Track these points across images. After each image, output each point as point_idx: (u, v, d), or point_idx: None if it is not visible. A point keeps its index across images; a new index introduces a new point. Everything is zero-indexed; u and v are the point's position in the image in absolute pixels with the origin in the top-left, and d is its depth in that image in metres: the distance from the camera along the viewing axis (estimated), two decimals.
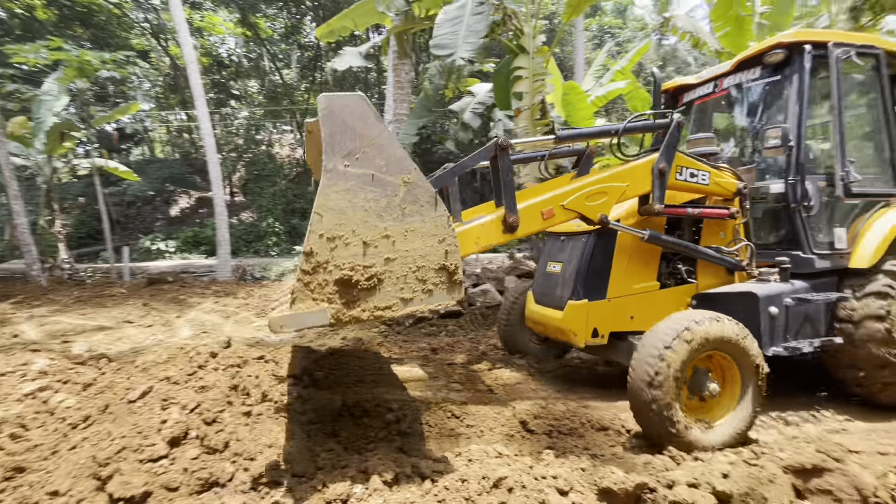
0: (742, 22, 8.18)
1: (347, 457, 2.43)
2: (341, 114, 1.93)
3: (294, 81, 24.42)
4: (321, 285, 1.90)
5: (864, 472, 2.42)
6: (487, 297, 7.35)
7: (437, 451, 2.67)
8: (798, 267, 3.49)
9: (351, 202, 1.93)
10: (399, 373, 3.94)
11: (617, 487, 2.20)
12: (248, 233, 19.56)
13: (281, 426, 2.66)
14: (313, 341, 5.85)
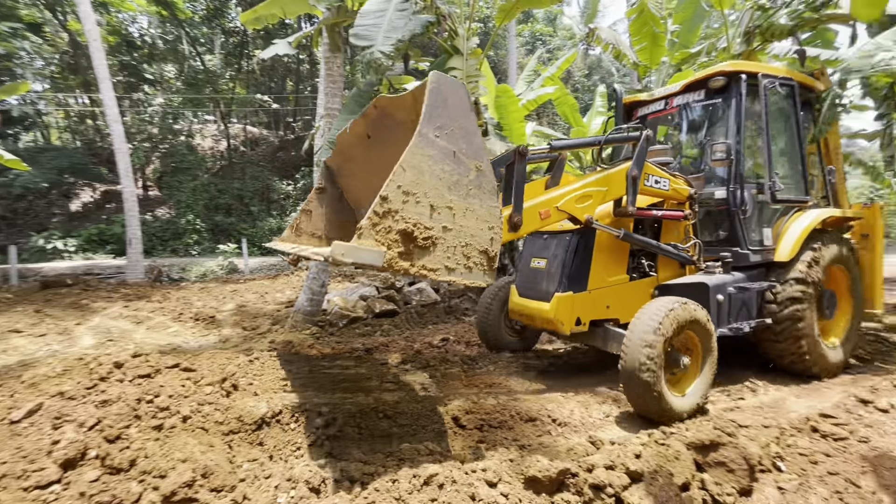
0: (657, 38, 8.91)
1: (272, 466, 2.32)
2: (446, 93, 2.13)
3: (218, 68, 22.79)
4: (386, 230, 2.02)
5: (751, 444, 2.75)
6: (423, 295, 7.37)
7: (369, 454, 2.63)
8: (737, 261, 4.08)
9: (430, 168, 2.11)
10: (330, 375, 3.83)
11: (542, 475, 2.30)
12: (164, 230, 17.99)
13: (198, 438, 2.47)
14: (238, 346, 5.52)
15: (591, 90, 27.64)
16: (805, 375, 4.17)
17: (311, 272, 6.28)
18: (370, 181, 3.33)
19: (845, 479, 2.64)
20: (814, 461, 2.81)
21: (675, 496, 2.26)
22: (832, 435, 3.06)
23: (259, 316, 7.32)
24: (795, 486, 2.61)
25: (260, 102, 22.96)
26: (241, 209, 20.17)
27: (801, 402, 3.67)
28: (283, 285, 10.77)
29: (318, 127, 8.88)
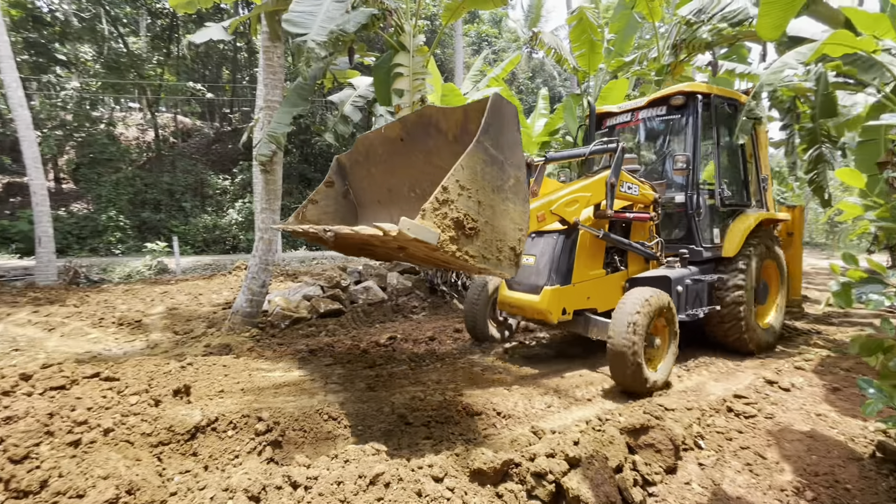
0: (594, 45, 9.35)
1: (208, 476, 2.19)
2: (501, 112, 2.49)
3: (143, 52, 21.02)
4: (443, 216, 2.32)
5: (676, 426, 2.98)
6: (370, 293, 7.27)
7: (313, 457, 2.56)
8: (692, 256, 4.74)
9: (482, 170, 2.45)
10: (272, 378, 3.68)
11: (487, 467, 2.36)
12: (81, 227, 16.37)
13: (122, 452, 2.29)
14: (169, 351, 5.16)
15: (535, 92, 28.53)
16: (743, 352, 4.87)
17: (249, 271, 5.99)
18: (388, 180, 3.74)
19: (754, 452, 2.93)
20: (729, 438, 3.11)
21: (610, 478, 2.40)
22: (744, 413, 3.39)
23: (193, 319, 6.87)
24: (713, 461, 2.87)
25: (192, 91, 21.47)
26: (172, 205, 18.79)
27: (718, 386, 4.03)
28: (219, 286, 10.18)
29: (257, 119, 8.47)
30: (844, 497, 2.48)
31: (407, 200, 3.63)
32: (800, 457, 2.85)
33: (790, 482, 2.64)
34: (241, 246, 18.15)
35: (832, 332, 5.85)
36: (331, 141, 7.08)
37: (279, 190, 6.04)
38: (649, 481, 2.61)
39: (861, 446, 2.88)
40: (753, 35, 6.23)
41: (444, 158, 3.08)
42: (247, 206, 18.54)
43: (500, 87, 10.44)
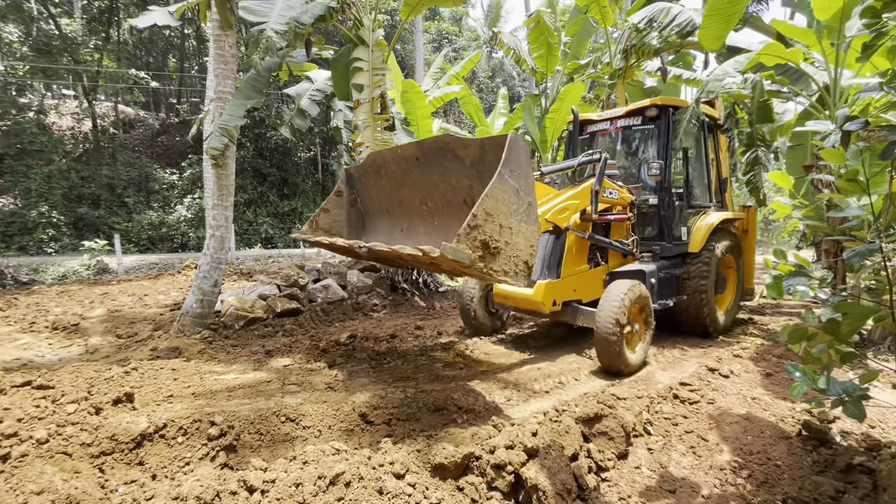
0: (552, 48, 9.60)
1: (156, 486, 2.09)
2: (518, 148, 2.92)
3: (78, 35, 19.46)
4: (473, 238, 2.71)
5: (627, 414, 3.13)
6: (329, 292, 7.13)
7: (270, 460, 2.49)
8: (663, 252, 5.24)
9: (503, 198, 2.85)
10: (225, 381, 3.54)
11: (448, 461, 2.38)
12: (7, 224, 15.01)
13: (59, 465, 2.13)
14: (111, 356, 4.84)
15: (494, 91, 28.86)
16: (704, 335, 5.51)
17: (200, 270, 5.71)
18: (399, 192, 4.17)
19: (697, 435, 3.13)
20: (675, 423, 3.30)
21: (566, 466, 2.49)
22: (688, 400, 3.61)
23: (137, 321, 6.48)
24: (661, 445, 3.04)
25: (135, 79, 20.13)
26: (113, 200, 17.57)
27: (666, 375, 4.26)
28: (167, 286, 9.65)
29: (207, 111, 8.08)
30: (775, 472, 2.70)
31: (418, 212, 4.10)
32: (737, 438, 3.07)
33: (729, 461, 2.84)
34: (190, 244, 17.26)
35: (766, 322, 6.33)
36: (287, 135, 6.87)
37: (232, 185, 5.80)
38: (602, 467, 2.73)
39: (789, 426, 3.14)
40: (696, 44, 6.61)
41: (460, 179, 3.58)
42: (196, 201, 17.65)
43: (461, 85, 10.51)
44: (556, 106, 9.51)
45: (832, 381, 2.09)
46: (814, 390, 2.10)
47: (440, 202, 3.85)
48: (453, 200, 3.72)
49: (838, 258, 5.45)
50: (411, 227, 4.18)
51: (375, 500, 2.13)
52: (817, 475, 2.57)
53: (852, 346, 2.26)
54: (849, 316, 2.08)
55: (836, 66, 5.39)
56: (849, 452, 2.66)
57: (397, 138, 7.12)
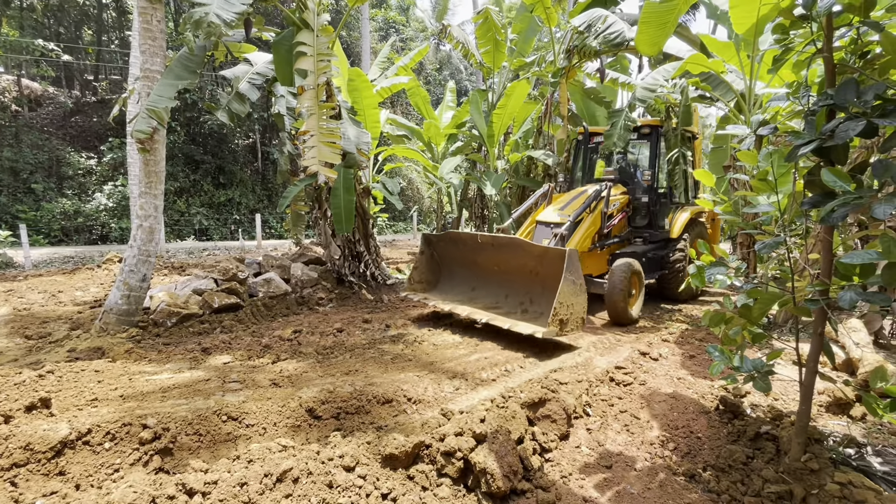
0: (499, 44, 9.74)
1: (80, 496, 1.92)
2: (572, 256, 4.50)
3: None
4: (555, 320, 4.36)
5: (568, 397, 3.31)
6: (272, 286, 6.84)
7: (211, 461, 2.38)
8: (651, 238, 6.98)
9: (568, 289, 4.44)
10: (158, 382, 3.32)
11: (398, 451, 2.41)
12: None
13: None
14: (20, 359, 4.36)
15: (442, 84, 28.85)
16: (679, 300, 7.20)
17: (126, 264, 5.26)
18: (473, 256, 5.78)
19: (630, 414, 3.38)
20: (611, 404, 3.53)
21: (513, 449, 2.60)
22: (622, 382, 3.88)
23: (51, 320, 5.86)
24: (599, 425, 3.24)
25: (42, 50, 17.98)
26: (17, 186, 15.67)
27: (603, 360, 4.54)
28: (85, 281, 8.79)
29: (131, 90, 7.41)
30: (697, 444, 2.98)
31: (491, 272, 5.67)
32: (665, 414, 3.35)
33: (658, 436, 3.09)
34: (111, 235, 15.81)
35: (690, 309, 6.91)
36: (224, 120, 6.46)
37: (162, 172, 5.37)
38: (546, 448, 2.88)
39: (709, 402, 3.47)
40: (633, 48, 7.00)
41: (528, 261, 5.12)
42: (119, 189, 16.18)
43: (409, 76, 10.41)
44: (503, 102, 9.69)
45: (745, 360, 2.34)
46: (730, 368, 2.34)
47: (511, 268, 5.40)
48: (522, 270, 5.27)
49: (750, 250, 6.05)
50: (485, 279, 5.76)
51: (325, 495, 2.11)
52: (731, 444, 2.87)
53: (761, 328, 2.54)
54: (759, 301, 2.33)
55: (750, 76, 5.94)
56: (757, 422, 2.99)
57: (343, 128, 6.94)
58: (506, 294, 5.47)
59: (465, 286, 5.94)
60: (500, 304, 5.41)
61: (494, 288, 5.62)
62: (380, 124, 8.76)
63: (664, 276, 6.99)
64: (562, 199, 6.69)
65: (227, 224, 18.45)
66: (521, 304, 5.26)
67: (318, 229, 7.97)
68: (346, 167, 6.84)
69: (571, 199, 6.49)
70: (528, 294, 5.25)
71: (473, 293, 5.77)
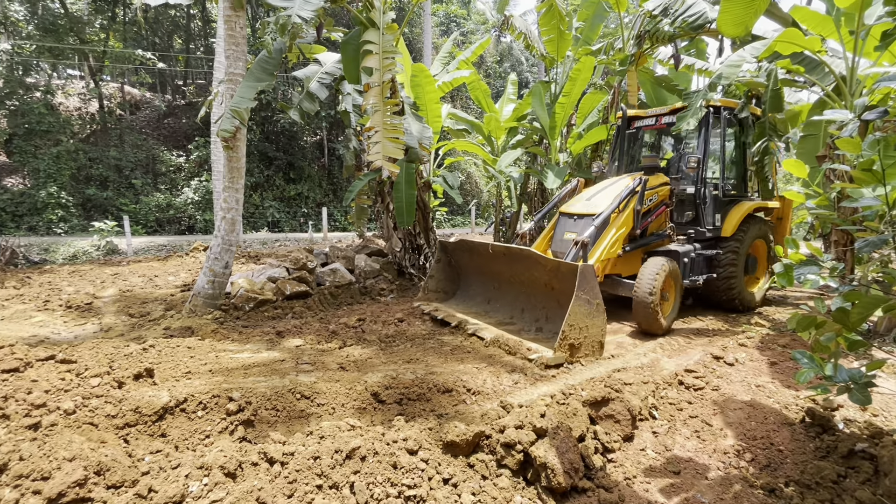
0: (563, 33, 9.46)
1: (180, 456, 2.17)
2: (586, 273, 4.04)
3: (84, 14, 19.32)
4: (564, 345, 3.96)
5: (633, 398, 3.19)
6: (337, 276, 7.20)
7: (287, 435, 2.58)
8: (697, 236, 5.90)
9: (580, 309, 4.01)
10: (240, 360, 3.63)
11: (459, 439, 2.46)
12: (16, 204, 15.14)
13: (87, 435, 2.22)
14: (126, 334, 4.95)
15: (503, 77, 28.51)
16: (734, 310, 6.10)
17: (211, 252, 5.79)
18: (489, 265, 5.43)
19: (702, 420, 3.20)
20: (679, 408, 3.36)
21: (574, 446, 2.56)
22: (693, 386, 3.67)
23: (149, 301, 6.59)
24: (666, 429, 3.10)
25: (141, 60, 20.01)
26: (121, 182, 17.65)
27: (671, 362, 4.32)
28: (175, 267, 9.75)
29: (216, 93, 8.06)
30: (778, 457, 2.77)
31: (509, 281, 5.27)
32: (741, 423, 3.13)
33: (732, 446, 2.90)
34: (197, 226, 17.37)
35: (771, 313, 6.35)
36: (296, 118, 6.85)
37: (243, 168, 5.83)
38: (609, 448, 2.80)
39: (793, 413, 3.19)
40: (713, 31, 6.50)
41: (541, 274, 4.68)
42: (203, 184, 17.69)
43: (470, 69, 10.40)
44: (568, 88, 9.37)
45: (839, 369, 2.13)
46: (820, 378, 2.14)
47: (526, 281, 4.99)
48: (537, 284, 4.85)
49: (847, 249, 5.44)
50: (502, 291, 5.40)
51: (390, 474, 2.21)
52: (819, 460, 2.63)
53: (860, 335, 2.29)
54: (858, 305, 2.10)
55: (854, 54, 5.30)
56: (851, 439, 2.71)
57: (406, 123, 7.10)
58: (522, 309, 5.04)
59: (481, 297, 5.56)
60: (515, 320, 5.02)
61: (510, 301, 5.21)
62: (441, 119, 8.86)
63: (711, 280, 5.95)
64: (591, 190, 5.98)
65: (296, 217, 19.57)
66: (537, 320, 4.83)
67: (380, 222, 8.25)
68: (408, 162, 7.00)
69: (601, 190, 5.76)
70: (545, 310, 4.79)
71: (489, 306, 5.39)
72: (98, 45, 19.18)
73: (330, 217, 19.65)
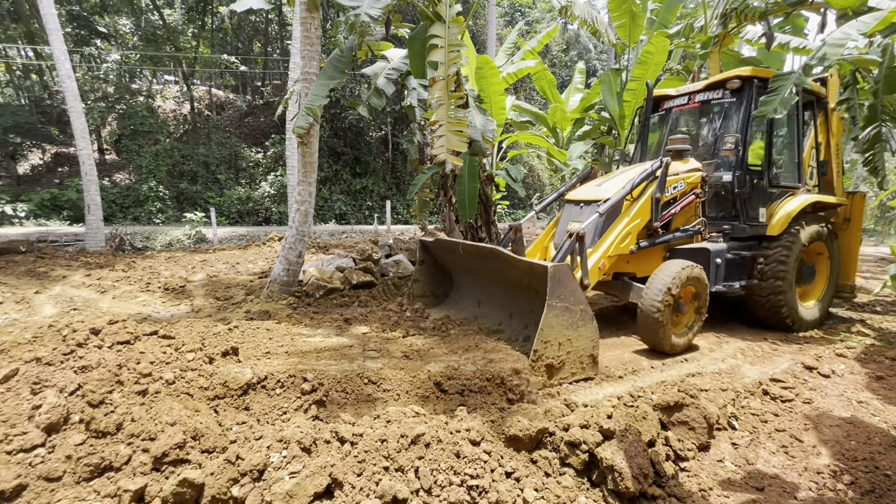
0: (636, 16, 8.94)
1: (261, 428, 2.35)
2: (558, 276, 3.35)
3: (179, 24, 21.31)
4: (538, 367, 3.32)
5: (710, 405, 2.99)
6: (400, 267, 7.40)
7: (356, 417, 2.70)
8: (735, 233, 4.99)
9: (557, 321, 3.35)
10: (312, 343, 3.86)
11: (522, 434, 2.44)
12: (123, 197, 17.11)
13: (184, 404, 2.48)
14: (213, 315, 5.44)
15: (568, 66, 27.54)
16: (780, 328, 5.02)
17: (287, 241, 6.18)
18: (470, 263, 4.85)
19: (790, 435, 2.92)
20: (764, 420, 3.09)
21: (643, 451, 2.45)
22: (780, 397, 3.36)
23: (232, 286, 7.18)
24: (747, 441, 2.87)
25: (226, 63, 21.72)
26: (208, 177, 19.35)
27: (754, 369, 3.98)
28: (254, 255, 10.54)
29: (292, 92, 8.54)
30: (884, 483, 2.46)
31: (494, 283, 4.69)
32: (838, 442, 2.82)
33: (827, 465, 2.63)
34: (273, 218, 18.62)
35: (877, 321, 5.63)
36: (364, 114, 7.10)
37: (315, 162, 6.14)
38: (682, 456, 2.65)
39: None
40: (816, 4, 5.82)
41: (517, 278, 4.06)
42: (279, 179, 18.90)
43: (535, 59, 10.15)
44: (639, 72, 8.86)
45: None
46: None
47: (509, 283, 4.40)
48: (519, 287, 4.20)
49: None
50: (491, 294, 4.76)
51: (453, 462, 2.25)
52: None
53: None
54: None
55: None
56: None
57: (470, 117, 7.09)
58: (510, 313, 4.39)
59: (471, 300, 4.92)
60: (504, 327, 4.40)
61: (500, 305, 4.55)
62: (505, 111, 8.75)
63: (752, 288, 4.94)
64: (604, 177, 5.23)
65: (361, 209, 20.35)
66: (525, 327, 4.15)
67: (441, 215, 8.33)
68: (471, 155, 7.01)
69: (616, 175, 5.03)
70: (533, 314, 4.00)
71: (479, 310, 4.78)
72: (190, 51, 21.06)
73: (393, 210, 20.21)
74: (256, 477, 1.93)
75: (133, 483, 1.89)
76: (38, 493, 1.83)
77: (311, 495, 1.88)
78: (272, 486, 1.86)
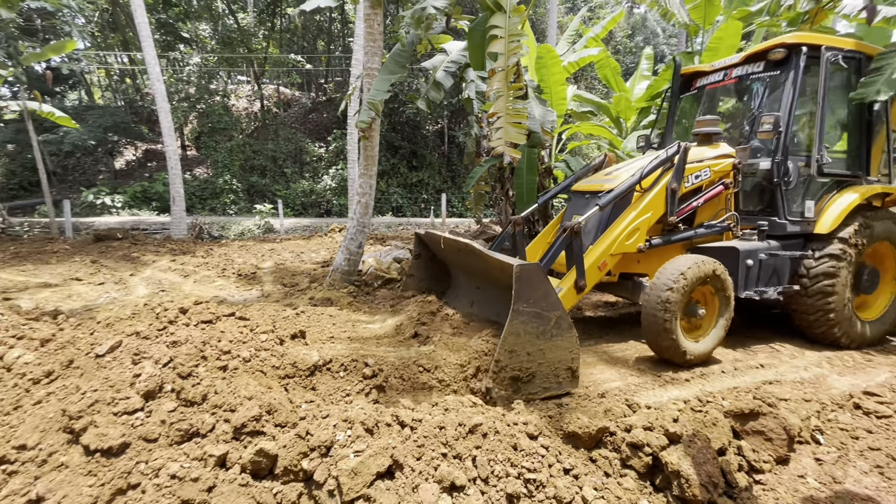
0: None
1: (327, 408, 2.49)
2: (526, 276, 2.88)
3: (251, 27, 22.66)
4: (501, 379, 2.88)
5: (791, 416, 2.76)
6: None
7: (413, 403, 2.78)
8: (773, 230, 4.25)
9: (524, 328, 2.89)
10: (372, 330, 4.00)
11: (581, 431, 2.40)
12: (202, 189, 18.56)
13: (258, 380, 2.67)
14: (280, 301, 5.79)
15: (633, 52, 26.16)
16: (834, 346, 4.26)
17: (348, 232, 6.43)
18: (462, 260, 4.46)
19: (887, 455, 2.63)
20: (855, 436, 2.81)
21: (713, 459, 2.31)
22: (875, 412, 3.03)
23: (297, 274, 7.60)
24: (834, 458, 2.62)
25: (293, 63, 22.83)
26: (275, 170, 20.52)
27: (843, 380, 3.62)
28: (317, 245, 11.07)
29: (354, 88, 8.82)
30: None
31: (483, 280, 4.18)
32: None
33: None
34: (334, 210, 19.42)
35: None
36: (423, 108, 7.18)
37: (376, 156, 6.32)
38: (756, 468, 2.47)
39: None
40: None
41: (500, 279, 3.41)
42: (339, 172, 19.65)
43: (599, 47, 9.74)
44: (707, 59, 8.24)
45: None
46: None
47: (491, 279, 3.86)
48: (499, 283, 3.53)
49: None
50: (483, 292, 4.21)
51: (510, 454, 2.25)
52: None
53: None
54: None
55: None
56: None
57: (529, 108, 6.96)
58: (498, 312, 3.88)
59: (466, 299, 4.53)
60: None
61: (491, 304, 4.06)
62: (566, 101, 8.50)
63: (796, 296, 4.20)
64: (617, 165, 4.72)
65: (417, 202, 20.68)
66: None
67: (497, 208, 8.28)
68: (530, 147, 6.88)
69: (630, 163, 4.53)
70: None
71: (472, 309, 4.34)
72: (260, 52, 22.34)
73: (448, 203, 20.35)
74: (324, 452, 2.05)
75: (217, 449, 2.08)
76: (138, 451, 2.06)
77: (373, 474, 1.97)
78: (338, 463, 1.96)
